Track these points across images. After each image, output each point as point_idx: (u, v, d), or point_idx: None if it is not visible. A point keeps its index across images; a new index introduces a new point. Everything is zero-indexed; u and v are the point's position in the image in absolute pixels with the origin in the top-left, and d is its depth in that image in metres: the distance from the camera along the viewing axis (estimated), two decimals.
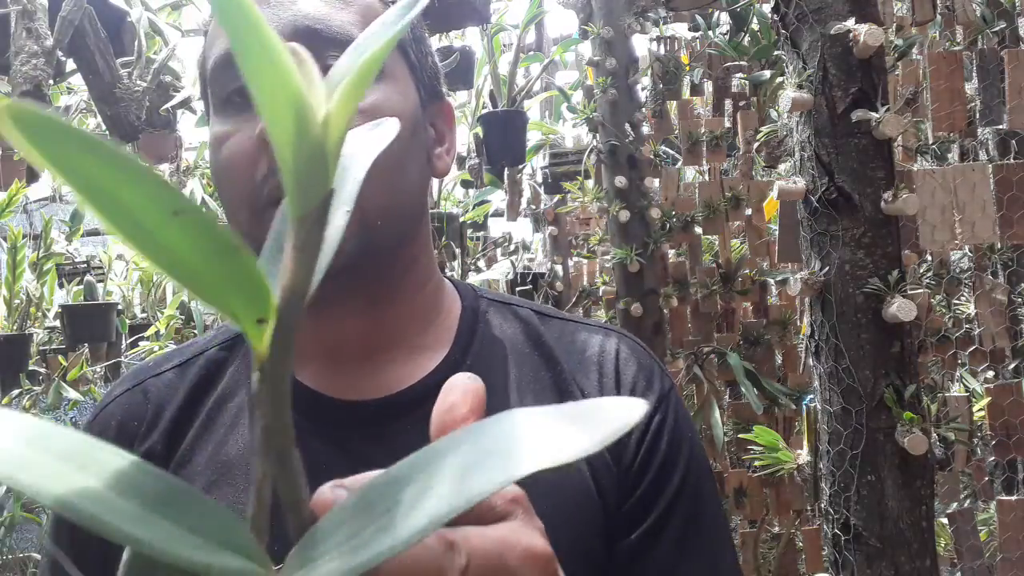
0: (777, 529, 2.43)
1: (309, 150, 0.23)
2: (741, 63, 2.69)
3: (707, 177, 2.66)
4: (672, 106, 2.77)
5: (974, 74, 2.13)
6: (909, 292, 1.46)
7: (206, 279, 0.22)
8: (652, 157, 2.54)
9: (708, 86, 2.79)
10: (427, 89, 0.69)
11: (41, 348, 3.74)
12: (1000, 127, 2.18)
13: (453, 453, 0.24)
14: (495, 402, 0.64)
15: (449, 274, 0.80)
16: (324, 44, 0.60)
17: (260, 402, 0.24)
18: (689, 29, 2.80)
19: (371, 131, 0.30)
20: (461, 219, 3.40)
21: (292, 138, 0.23)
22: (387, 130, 0.30)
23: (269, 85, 0.22)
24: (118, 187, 0.19)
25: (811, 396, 1.72)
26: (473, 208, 3.73)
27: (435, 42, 2.44)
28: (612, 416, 0.23)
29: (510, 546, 0.30)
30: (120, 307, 3.80)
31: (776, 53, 2.40)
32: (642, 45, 2.81)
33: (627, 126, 2.45)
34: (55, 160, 0.19)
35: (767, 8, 2.08)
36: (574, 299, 2.97)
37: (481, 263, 3.92)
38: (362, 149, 0.29)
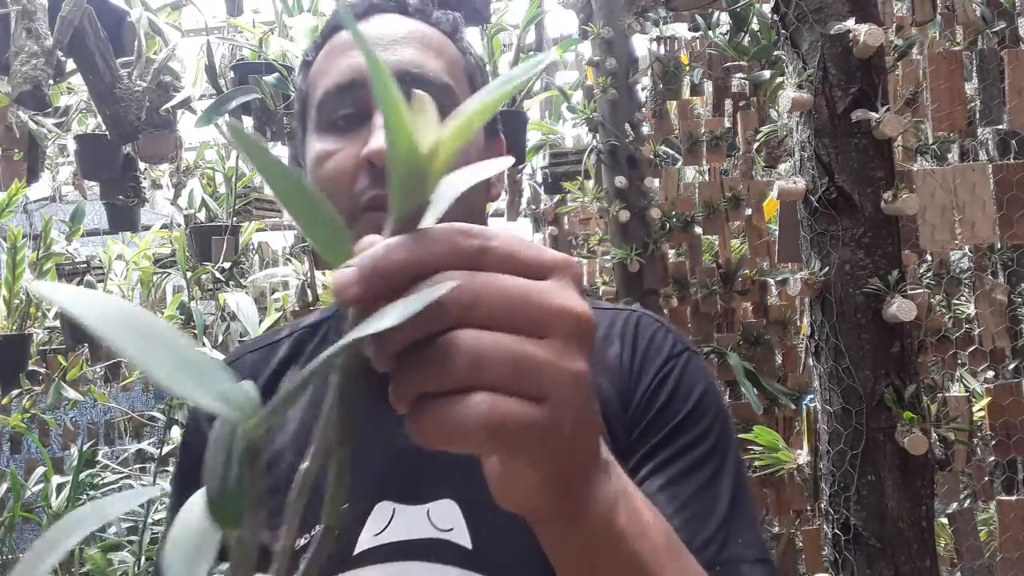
0: (777, 529, 2.43)
1: (410, 169, 0.33)
2: (741, 63, 2.69)
3: (707, 177, 2.66)
4: (672, 106, 2.77)
5: (974, 74, 2.13)
6: (909, 292, 1.46)
7: (319, 237, 0.33)
8: (652, 157, 2.54)
9: (708, 86, 2.79)
10: (488, 130, 0.81)
11: (41, 348, 3.74)
12: (1000, 127, 2.18)
13: None
14: None
15: None
16: (421, 86, 0.70)
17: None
18: (689, 29, 2.80)
19: (480, 166, 0.37)
20: None
21: (400, 159, 0.32)
22: (494, 165, 0.38)
23: (391, 121, 0.31)
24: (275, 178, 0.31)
25: (811, 396, 1.72)
26: None
27: None
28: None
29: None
30: None
31: (776, 53, 2.40)
32: (642, 45, 2.81)
33: (627, 126, 2.45)
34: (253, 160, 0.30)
35: (767, 8, 2.07)
36: None
37: None
38: (463, 176, 0.36)
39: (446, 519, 0.68)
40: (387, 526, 0.67)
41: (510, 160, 0.36)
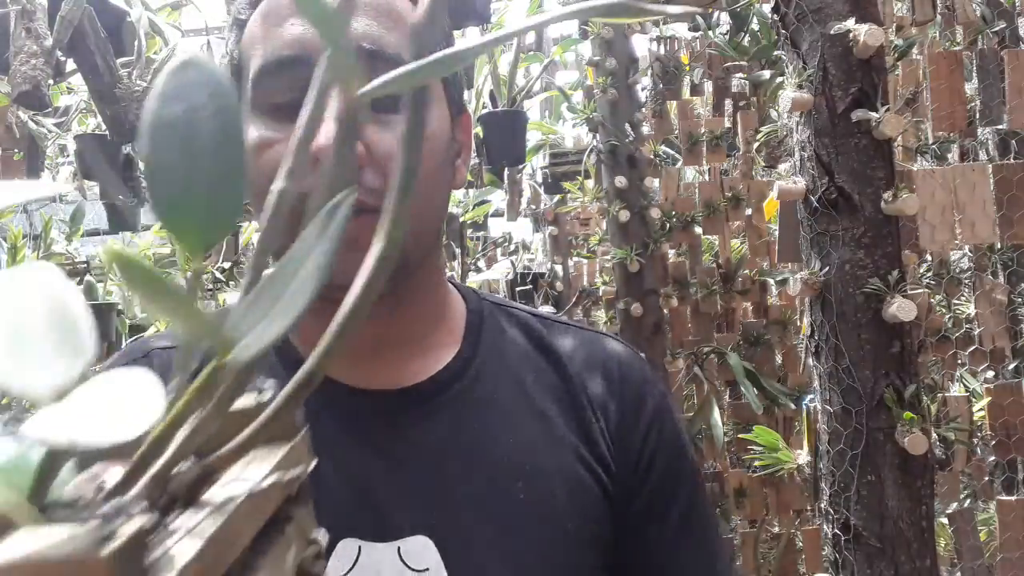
0: (777, 529, 2.43)
1: None
2: (741, 63, 2.69)
3: (707, 177, 2.66)
4: (672, 106, 2.77)
5: (974, 74, 2.13)
6: (909, 292, 1.46)
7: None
8: (652, 157, 2.54)
9: (708, 86, 2.79)
10: (455, 103, 0.70)
11: None
12: (1000, 127, 2.18)
13: None
14: (510, 398, 0.67)
15: (448, 274, 0.83)
16: (380, 65, 0.60)
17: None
18: (689, 29, 2.80)
19: None
20: (461, 219, 3.40)
21: None
22: None
23: None
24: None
25: (811, 396, 1.72)
26: (473, 208, 3.74)
27: None
28: None
29: None
30: (120, 307, 3.79)
31: (776, 53, 2.40)
32: (642, 45, 2.81)
33: (627, 126, 2.45)
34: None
35: (767, 8, 2.07)
36: (574, 299, 2.97)
37: (481, 263, 3.93)
38: None
39: (420, 558, 0.60)
40: (352, 567, 0.60)
41: None
